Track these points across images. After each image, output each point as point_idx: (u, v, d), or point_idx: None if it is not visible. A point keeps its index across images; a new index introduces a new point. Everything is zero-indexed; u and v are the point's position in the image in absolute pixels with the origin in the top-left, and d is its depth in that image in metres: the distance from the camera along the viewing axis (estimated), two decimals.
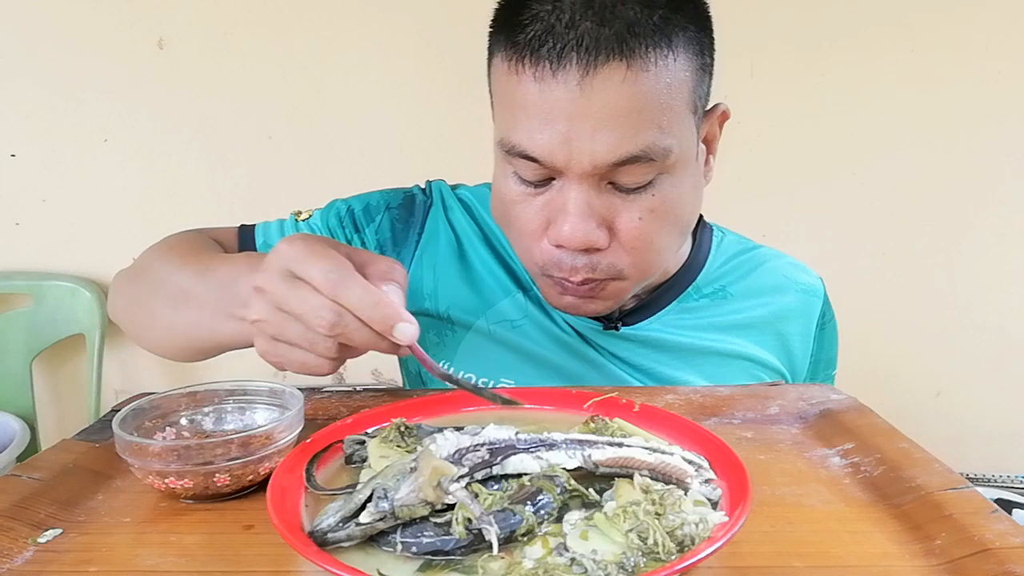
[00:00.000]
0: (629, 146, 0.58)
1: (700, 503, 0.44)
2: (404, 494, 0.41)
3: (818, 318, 0.83)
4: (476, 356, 0.78)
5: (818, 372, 0.85)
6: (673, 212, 0.64)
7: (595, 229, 0.61)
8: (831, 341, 0.86)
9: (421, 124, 1.56)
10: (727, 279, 0.80)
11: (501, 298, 0.78)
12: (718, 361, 0.77)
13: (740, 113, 1.67)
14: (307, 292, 0.50)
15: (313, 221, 0.81)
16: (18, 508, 0.48)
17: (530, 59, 0.58)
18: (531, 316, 0.78)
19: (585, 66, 0.56)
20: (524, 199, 0.64)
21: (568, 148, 0.58)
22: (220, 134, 1.55)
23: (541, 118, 0.58)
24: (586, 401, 0.59)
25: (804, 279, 0.84)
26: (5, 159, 1.54)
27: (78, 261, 1.59)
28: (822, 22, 1.52)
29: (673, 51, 0.58)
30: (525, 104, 0.59)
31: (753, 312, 0.79)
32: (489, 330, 0.78)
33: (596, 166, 0.59)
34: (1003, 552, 0.41)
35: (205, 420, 0.58)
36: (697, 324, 0.78)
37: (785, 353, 0.81)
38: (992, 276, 1.64)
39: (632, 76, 0.57)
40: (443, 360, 0.79)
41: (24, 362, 1.56)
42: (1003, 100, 1.55)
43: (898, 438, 0.57)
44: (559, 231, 0.62)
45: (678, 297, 0.78)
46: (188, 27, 1.50)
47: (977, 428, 1.71)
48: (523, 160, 0.61)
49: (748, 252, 0.83)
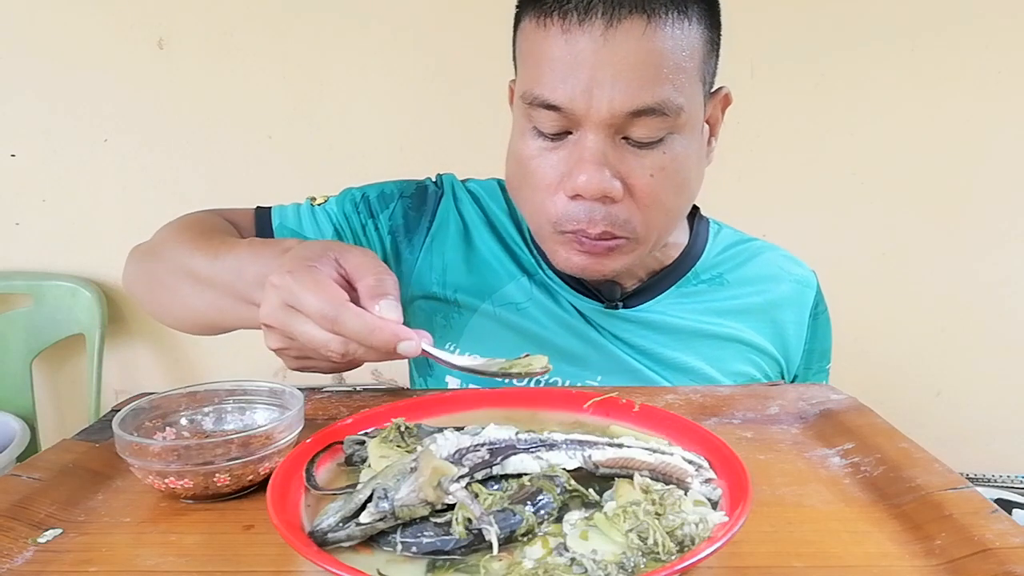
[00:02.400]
0: (647, 96, 0.61)
1: (700, 503, 0.44)
2: (404, 494, 0.41)
3: (811, 308, 0.85)
4: (482, 338, 0.80)
5: (812, 362, 0.87)
6: (681, 173, 0.67)
7: (610, 179, 0.64)
8: (824, 332, 0.89)
9: (421, 124, 1.56)
10: (724, 267, 0.83)
11: (506, 282, 0.81)
12: (715, 344, 0.80)
13: (740, 113, 1.67)
14: (310, 326, 0.53)
15: (328, 207, 0.84)
16: (18, 508, 0.48)
17: (558, 13, 0.62)
18: (535, 299, 0.80)
19: (609, 19, 0.60)
20: (541, 154, 0.67)
21: (589, 96, 0.62)
22: (220, 134, 1.55)
23: (566, 67, 0.62)
24: (586, 401, 0.59)
25: (797, 271, 0.87)
26: (5, 159, 1.54)
27: (78, 261, 1.59)
28: (822, 22, 1.52)
29: (688, 17, 0.63)
30: (551, 55, 0.63)
31: (749, 299, 0.82)
32: (495, 313, 0.80)
33: (614, 114, 0.62)
34: (1003, 552, 0.41)
35: (205, 420, 0.58)
36: (695, 308, 0.80)
37: (780, 340, 0.83)
38: (992, 276, 1.64)
39: (651, 32, 0.61)
40: (449, 342, 0.81)
41: (24, 362, 1.56)
42: (1003, 100, 1.55)
43: (898, 438, 0.57)
44: (575, 180, 0.64)
45: (678, 282, 0.81)
46: (188, 27, 1.50)
47: (977, 428, 1.71)
48: (544, 110, 0.64)
49: (744, 243, 0.86)
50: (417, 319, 0.84)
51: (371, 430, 0.54)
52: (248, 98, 1.54)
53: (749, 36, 1.50)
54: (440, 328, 0.82)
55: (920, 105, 1.56)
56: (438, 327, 0.82)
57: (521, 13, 0.68)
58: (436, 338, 0.80)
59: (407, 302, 0.85)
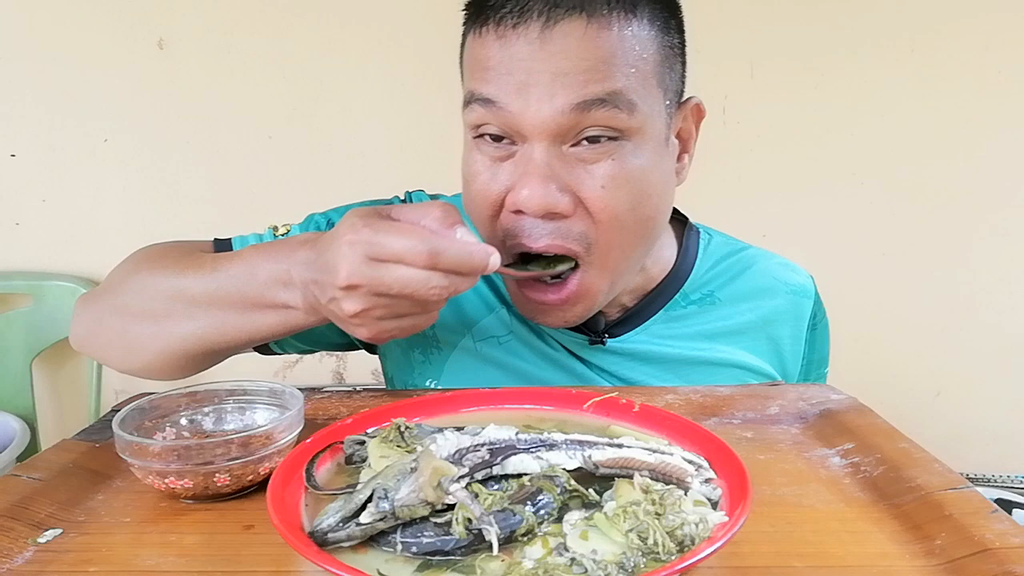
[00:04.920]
0: (594, 88, 0.59)
1: (700, 503, 0.44)
2: (404, 494, 0.41)
3: (809, 319, 0.82)
4: (463, 374, 0.77)
5: (811, 372, 0.85)
6: (635, 184, 0.63)
7: (555, 192, 0.61)
8: (823, 341, 0.85)
9: (421, 123, 1.56)
10: (715, 284, 0.79)
11: (485, 314, 0.77)
12: (708, 371, 0.76)
13: (740, 114, 1.67)
14: (403, 270, 0.52)
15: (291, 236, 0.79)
16: (18, 508, 0.48)
17: (494, 19, 0.61)
18: (516, 332, 0.76)
19: (545, 20, 0.59)
20: (487, 169, 0.64)
21: (526, 95, 0.60)
22: (220, 134, 1.55)
23: (502, 67, 0.60)
24: (586, 401, 0.59)
25: (794, 279, 0.82)
26: (5, 159, 1.54)
27: (78, 261, 1.59)
28: (822, 23, 1.52)
29: (637, 17, 0.61)
30: (487, 60, 0.61)
31: (742, 317, 0.78)
32: (475, 348, 0.77)
33: (555, 112, 0.59)
34: (1003, 552, 0.41)
35: (205, 420, 0.58)
36: (685, 333, 0.77)
37: (776, 357, 0.80)
38: (992, 276, 1.64)
39: (592, 32, 0.59)
40: (430, 378, 0.78)
41: (24, 362, 1.56)
42: (1003, 100, 1.55)
43: (898, 438, 0.56)
44: (518, 195, 0.61)
45: (665, 306, 0.77)
46: (188, 27, 1.50)
47: (977, 428, 1.71)
48: (483, 109, 0.62)
49: (736, 254, 0.82)
50: (392, 354, 0.81)
51: (371, 430, 0.54)
52: (248, 98, 1.54)
53: (749, 36, 1.50)
54: (419, 363, 0.78)
55: (920, 105, 1.56)
56: (416, 362, 0.78)
57: (464, 33, 0.67)
58: (415, 373, 0.78)
59: None
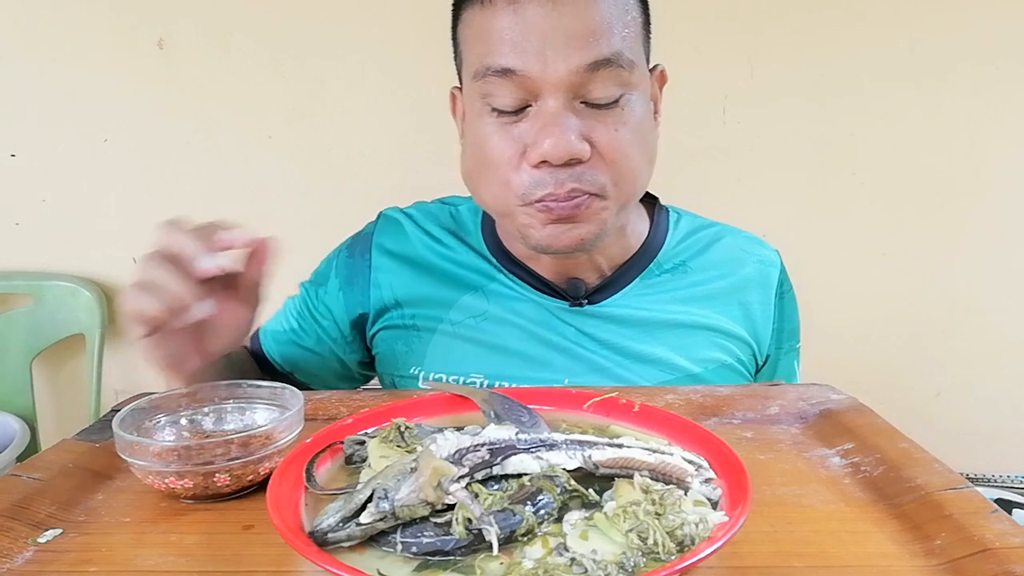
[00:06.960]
0: (603, 48, 0.64)
1: (700, 503, 0.44)
2: (404, 494, 0.41)
3: (776, 287, 0.86)
4: (444, 356, 0.80)
5: (783, 342, 0.87)
6: (641, 131, 0.69)
7: (576, 140, 0.64)
8: (792, 311, 0.89)
9: (421, 123, 1.56)
10: (687, 254, 0.84)
11: (459, 296, 0.81)
12: (683, 332, 0.80)
13: (740, 113, 1.67)
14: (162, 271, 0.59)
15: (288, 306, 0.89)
16: (18, 508, 0.48)
17: None
18: (491, 308, 0.80)
19: None
20: (500, 130, 0.67)
21: (543, 59, 0.63)
22: (220, 134, 1.55)
23: (517, 35, 0.64)
24: (586, 401, 0.59)
25: (761, 251, 0.87)
26: (5, 159, 1.54)
27: (78, 261, 1.59)
28: (822, 23, 1.52)
29: None
30: (500, 27, 0.64)
31: (714, 284, 0.82)
32: (453, 330, 0.81)
33: (571, 71, 0.63)
34: (1003, 552, 0.41)
35: (205, 420, 0.58)
36: (660, 298, 0.81)
37: (748, 321, 0.83)
38: (992, 276, 1.64)
39: None
40: (413, 366, 0.81)
41: (24, 362, 1.56)
42: (1003, 99, 1.55)
43: (898, 438, 0.57)
44: (541, 147, 0.64)
45: (641, 273, 0.81)
46: (188, 27, 1.50)
47: (977, 428, 1.71)
48: (498, 78, 0.65)
49: (705, 229, 0.87)
50: (380, 355, 0.85)
51: (371, 430, 0.54)
52: (248, 98, 1.54)
53: (749, 36, 1.50)
54: (402, 355, 0.82)
55: (920, 105, 1.55)
56: (400, 354, 0.82)
57: (459, 9, 0.70)
58: (399, 364, 0.82)
59: (371, 337, 0.86)
